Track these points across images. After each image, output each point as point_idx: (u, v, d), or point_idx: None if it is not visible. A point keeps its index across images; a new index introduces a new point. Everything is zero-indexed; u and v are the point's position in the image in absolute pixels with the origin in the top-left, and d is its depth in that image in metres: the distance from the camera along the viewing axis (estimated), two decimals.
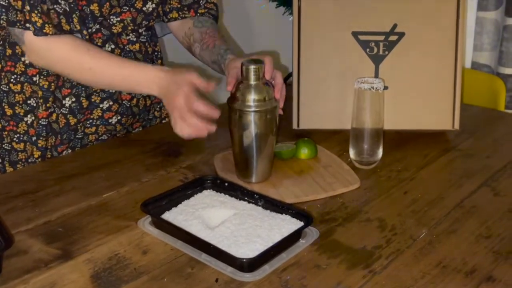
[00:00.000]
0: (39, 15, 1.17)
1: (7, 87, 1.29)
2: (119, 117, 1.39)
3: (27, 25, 1.19)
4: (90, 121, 1.36)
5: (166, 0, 1.43)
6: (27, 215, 1.06)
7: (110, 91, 1.36)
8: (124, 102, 1.39)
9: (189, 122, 1.18)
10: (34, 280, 0.88)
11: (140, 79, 1.25)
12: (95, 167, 1.25)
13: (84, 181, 1.19)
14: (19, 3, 1.18)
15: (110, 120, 1.38)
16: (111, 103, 1.37)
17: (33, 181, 1.19)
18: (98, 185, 1.17)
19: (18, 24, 1.19)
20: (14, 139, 1.32)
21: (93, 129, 1.37)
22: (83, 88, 1.33)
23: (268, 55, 1.24)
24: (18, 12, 1.18)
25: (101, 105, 1.36)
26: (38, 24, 1.18)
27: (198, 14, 1.46)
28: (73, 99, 1.33)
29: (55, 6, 1.20)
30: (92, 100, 1.35)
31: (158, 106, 1.52)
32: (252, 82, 1.12)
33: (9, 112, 1.30)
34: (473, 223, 1.03)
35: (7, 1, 1.18)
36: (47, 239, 0.99)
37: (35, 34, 1.19)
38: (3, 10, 1.18)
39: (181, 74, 1.21)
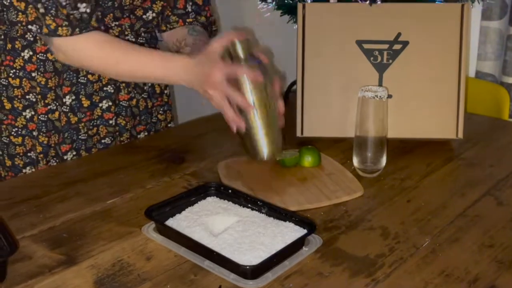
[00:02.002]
0: (52, 18, 1.19)
1: (6, 81, 1.31)
2: (118, 118, 1.40)
3: (44, 27, 1.21)
4: (92, 122, 1.37)
5: (164, 12, 1.41)
6: (32, 220, 1.07)
7: (109, 90, 1.37)
8: (122, 102, 1.40)
9: (227, 93, 1.14)
10: (38, 286, 0.89)
11: (167, 70, 1.24)
12: (99, 173, 1.25)
13: (88, 187, 1.19)
14: (22, 4, 1.20)
15: (110, 122, 1.39)
16: (110, 103, 1.38)
17: (38, 187, 1.19)
18: (102, 191, 1.18)
19: (19, 24, 1.21)
20: (12, 132, 1.33)
21: (95, 130, 1.38)
22: (82, 87, 1.34)
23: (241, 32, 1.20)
24: (20, 13, 1.20)
25: (100, 105, 1.37)
26: (52, 27, 1.20)
27: (187, 23, 1.43)
28: (73, 97, 1.34)
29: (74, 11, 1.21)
30: (93, 99, 1.36)
31: (162, 109, 1.52)
32: (242, 56, 1.14)
33: (7, 106, 1.32)
34: (476, 232, 1.03)
35: (8, 1, 1.20)
36: (51, 244, 0.99)
37: (50, 35, 1.21)
38: (4, 9, 1.21)
39: (210, 63, 1.18)
